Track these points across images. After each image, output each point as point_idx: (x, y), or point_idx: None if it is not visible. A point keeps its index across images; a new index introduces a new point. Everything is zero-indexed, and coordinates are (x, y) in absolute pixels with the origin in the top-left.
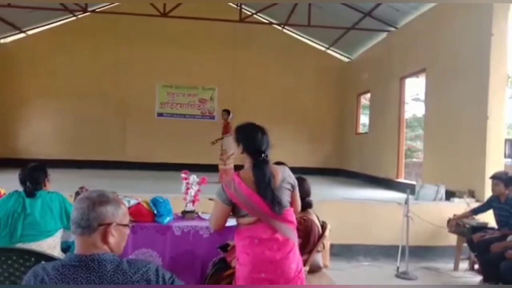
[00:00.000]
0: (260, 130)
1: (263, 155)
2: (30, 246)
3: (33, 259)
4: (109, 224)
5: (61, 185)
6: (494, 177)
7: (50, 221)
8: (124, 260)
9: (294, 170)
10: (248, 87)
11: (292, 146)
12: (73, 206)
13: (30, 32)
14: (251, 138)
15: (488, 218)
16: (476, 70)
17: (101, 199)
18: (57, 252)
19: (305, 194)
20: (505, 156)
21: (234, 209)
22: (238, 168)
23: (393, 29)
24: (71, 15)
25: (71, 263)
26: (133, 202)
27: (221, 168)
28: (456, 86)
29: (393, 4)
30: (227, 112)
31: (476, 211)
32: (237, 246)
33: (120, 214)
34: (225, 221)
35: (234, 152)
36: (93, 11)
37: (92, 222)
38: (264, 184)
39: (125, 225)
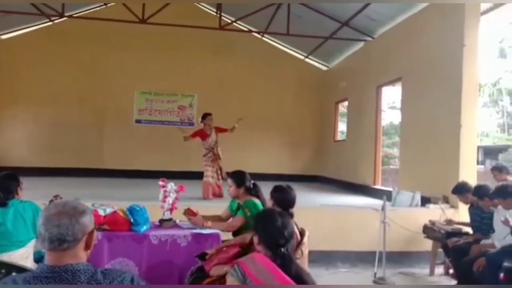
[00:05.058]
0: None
1: (283, 249)
2: (1, 257)
3: (3, 270)
4: (91, 232)
5: (36, 194)
6: (453, 193)
7: (23, 231)
8: (99, 270)
9: (273, 177)
10: (228, 94)
11: (271, 153)
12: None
13: (4, 37)
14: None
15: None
16: (450, 79)
17: (79, 211)
18: (29, 263)
19: (290, 204)
20: (477, 163)
21: None
22: None
23: (370, 38)
24: (48, 20)
25: (43, 275)
26: (109, 210)
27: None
28: (431, 94)
29: (369, 14)
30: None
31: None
32: None
33: (93, 220)
34: None
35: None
36: (70, 16)
37: (77, 235)
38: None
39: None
